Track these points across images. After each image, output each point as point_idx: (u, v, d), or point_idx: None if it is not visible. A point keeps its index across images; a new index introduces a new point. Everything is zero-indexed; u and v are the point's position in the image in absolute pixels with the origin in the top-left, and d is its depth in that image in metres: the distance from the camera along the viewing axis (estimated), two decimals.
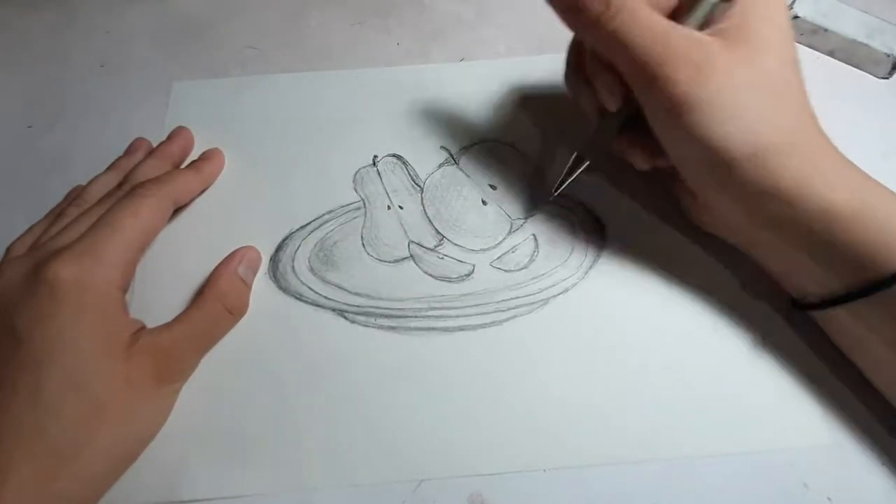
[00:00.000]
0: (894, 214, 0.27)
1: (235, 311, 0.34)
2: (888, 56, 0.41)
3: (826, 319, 0.31)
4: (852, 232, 0.27)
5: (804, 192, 0.28)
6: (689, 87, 0.27)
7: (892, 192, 0.29)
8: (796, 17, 0.43)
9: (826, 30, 0.42)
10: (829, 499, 0.30)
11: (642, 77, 0.28)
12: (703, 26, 0.29)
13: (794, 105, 0.29)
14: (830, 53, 0.43)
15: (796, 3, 0.43)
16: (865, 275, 0.28)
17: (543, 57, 0.43)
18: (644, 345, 0.33)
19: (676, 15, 0.30)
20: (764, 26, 0.29)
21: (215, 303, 0.33)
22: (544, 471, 0.31)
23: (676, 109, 0.28)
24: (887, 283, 0.27)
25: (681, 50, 0.27)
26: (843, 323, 0.30)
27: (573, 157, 0.34)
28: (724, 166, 0.28)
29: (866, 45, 0.42)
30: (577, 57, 0.34)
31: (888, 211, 0.27)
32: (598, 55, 0.31)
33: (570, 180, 0.35)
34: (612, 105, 0.32)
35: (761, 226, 0.30)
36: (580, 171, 0.34)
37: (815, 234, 0.28)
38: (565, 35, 0.44)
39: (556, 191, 0.35)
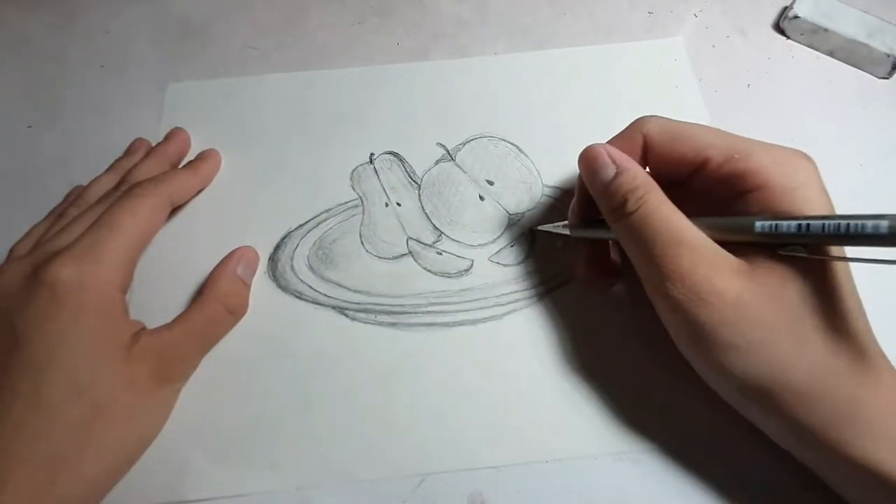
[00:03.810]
0: None
1: (236, 312, 0.34)
2: (888, 56, 0.41)
3: None
4: None
5: (838, 440, 0.25)
6: (688, 312, 0.26)
7: None
8: (796, 17, 0.43)
9: (826, 30, 0.42)
10: (828, 498, 0.30)
11: (649, 287, 0.28)
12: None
13: (814, 340, 0.26)
14: (830, 53, 0.43)
15: (796, 3, 0.43)
16: None
17: (539, 53, 0.43)
18: (641, 336, 0.33)
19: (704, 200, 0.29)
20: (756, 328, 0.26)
21: (215, 303, 0.33)
22: (546, 462, 0.31)
23: (677, 327, 0.28)
24: None
25: (686, 268, 0.26)
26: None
27: (563, 223, 0.34)
28: (739, 392, 0.27)
29: (866, 45, 0.42)
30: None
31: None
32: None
33: (548, 229, 0.35)
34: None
35: (804, 453, 0.28)
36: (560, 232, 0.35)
37: (861, 479, 0.25)
38: (564, 34, 0.45)
39: (539, 227, 0.36)
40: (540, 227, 0.36)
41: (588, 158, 0.30)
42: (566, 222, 0.34)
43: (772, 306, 0.26)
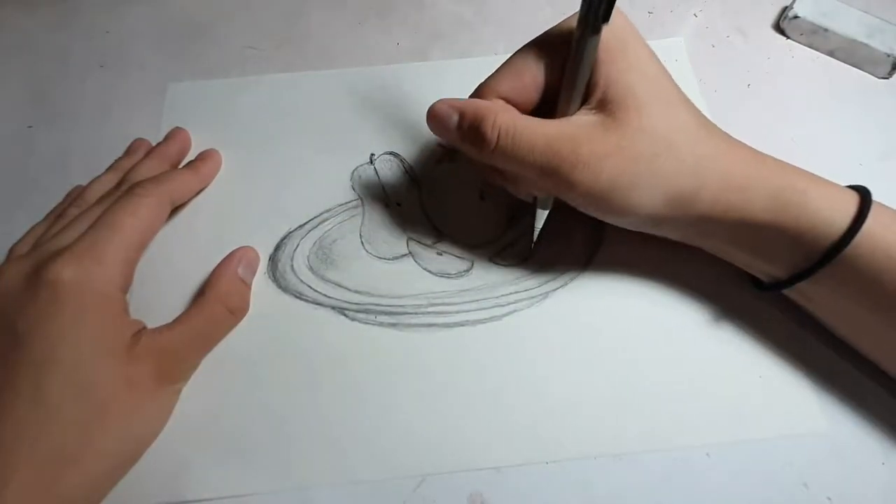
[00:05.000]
0: (810, 200, 0.29)
1: (237, 312, 0.34)
2: (888, 56, 0.41)
3: (789, 295, 0.32)
4: (776, 229, 0.29)
5: (725, 212, 0.29)
6: (589, 186, 0.29)
7: (804, 173, 0.30)
8: (796, 17, 0.43)
9: (826, 30, 0.42)
10: (829, 498, 0.30)
11: (546, 183, 0.30)
12: (581, 104, 0.30)
13: (686, 145, 0.29)
14: (830, 53, 0.43)
15: (796, 2, 0.43)
16: (798, 260, 0.29)
17: None
18: (642, 337, 0.34)
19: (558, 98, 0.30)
20: (634, 82, 0.29)
21: (216, 303, 0.33)
22: (546, 464, 0.31)
23: (587, 203, 0.30)
24: (824, 262, 0.28)
25: (567, 153, 0.28)
26: (799, 299, 0.32)
27: (537, 213, 0.34)
28: (649, 221, 0.31)
29: (866, 45, 0.42)
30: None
31: (804, 200, 0.29)
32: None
33: (538, 230, 0.35)
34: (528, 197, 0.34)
35: (700, 239, 0.32)
36: (545, 218, 0.35)
37: (746, 237, 0.30)
38: None
39: (533, 245, 0.36)
40: (535, 235, 0.35)
41: (433, 117, 0.32)
42: (540, 211, 0.34)
43: (648, 135, 0.29)
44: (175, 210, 0.36)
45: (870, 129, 0.40)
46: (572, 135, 0.29)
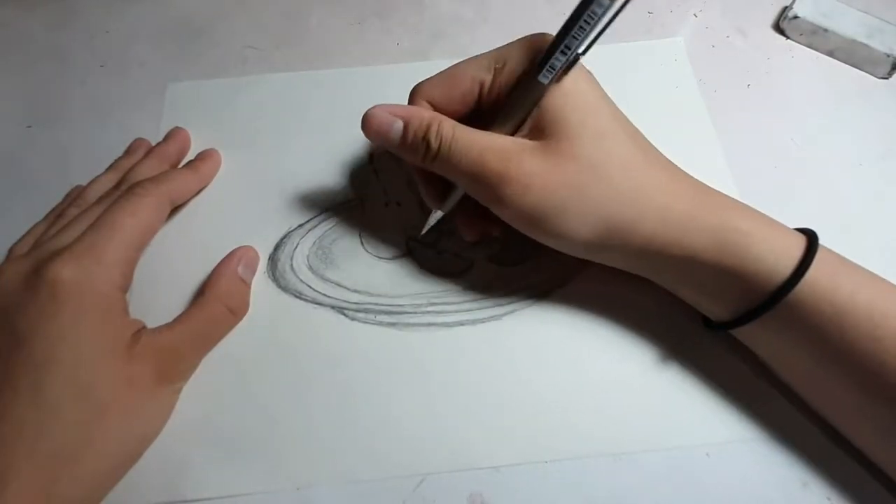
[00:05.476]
0: (753, 243, 0.28)
1: (237, 311, 0.34)
2: (888, 56, 0.41)
3: (740, 336, 0.32)
4: (718, 269, 0.29)
5: (665, 247, 0.29)
6: (517, 203, 0.29)
7: (750, 213, 0.30)
8: (796, 17, 0.43)
9: (826, 30, 0.42)
10: (828, 499, 0.30)
11: (477, 193, 0.30)
12: (517, 128, 0.30)
13: (619, 177, 0.29)
14: (830, 53, 0.43)
15: (796, 3, 0.43)
16: (742, 302, 0.29)
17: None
18: (642, 336, 0.33)
19: (493, 119, 0.30)
20: (569, 112, 0.29)
21: (216, 303, 0.33)
22: (546, 463, 0.31)
23: (517, 221, 0.30)
24: (766, 307, 0.28)
25: (497, 169, 0.29)
26: (745, 340, 0.31)
27: (433, 213, 0.34)
28: (584, 247, 0.31)
29: (866, 45, 0.42)
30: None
31: (747, 242, 0.28)
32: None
33: (429, 226, 0.35)
34: (436, 207, 0.34)
35: (646, 272, 0.32)
36: (436, 220, 0.35)
37: (690, 274, 0.30)
38: None
39: (422, 233, 0.36)
40: (421, 235, 0.36)
41: (372, 124, 0.32)
42: (435, 212, 0.34)
43: (577, 163, 0.29)
44: (175, 210, 0.36)
45: (870, 129, 0.40)
46: (504, 151, 0.29)
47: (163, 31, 0.45)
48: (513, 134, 0.30)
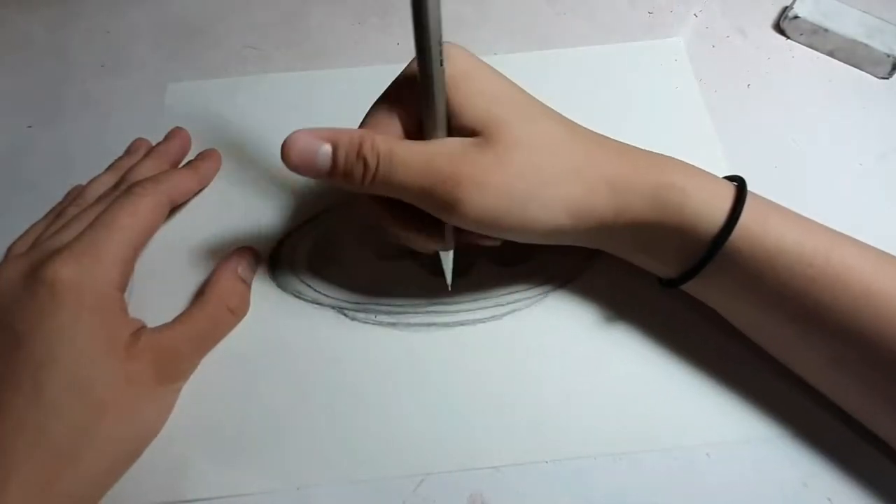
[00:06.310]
0: (688, 198, 0.28)
1: (237, 312, 0.34)
2: (888, 56, 0.41)
3: (693, 293, 0.32)
4: (662, 230, 0.29)
5: (615, 217, 0.29)
6: (477, 203, 0.27)
7: (682, 168, 0.30)
8: (796, 17, 0.43)
9: (826, 30, 0.42)
10: (828, 499, 0.30)
11: (435, 209, 0.28)
12: (450, 130, 0.29)
13: (564, 156, 0.29)
14: (830, 53, 0.43)
15: (796, 3, 0.43)
16: (687, 259, 0.30)
17: (539, 53, 0.43)
18: (642, 336, 0.33)
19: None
20: (492, 104, 0.29)
21: (217, 303, 0.33)
22: (546, 463, 0.31)
23: (479, 223, 0.28)
24: (706, 260, 0.29)
25: (449, 172, 0.27)
26: (697, 296, 0.32)
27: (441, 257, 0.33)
28: (548, 236, 0.30)
29: (866, 45, 0.42)
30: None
31: (682, 198, 0.29)
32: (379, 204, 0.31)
33: (451, 271, 0.34)
34: (437, 245, 0.32)
35: (599, 243, 0.32)
36: (452, 259, 0.33)
37: (638, 239, 0.30)
38: (564, 34, 0.45)
39: (449, 282, 0.34)
40: (449, 283, 0.34)
41: (292, 152, 0.29)
42: (446, 254, 0.33)
43: (523, 149, 0.28)
44: (175, 210, 0.37)
45: (869, 129, 0.40)
46: (450, 154, 0.28)
47: (163, 31, 0.45)
48: (449, 135, 0.29)
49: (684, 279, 0.30)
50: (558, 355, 0.33)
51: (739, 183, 0.30)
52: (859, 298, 0.27)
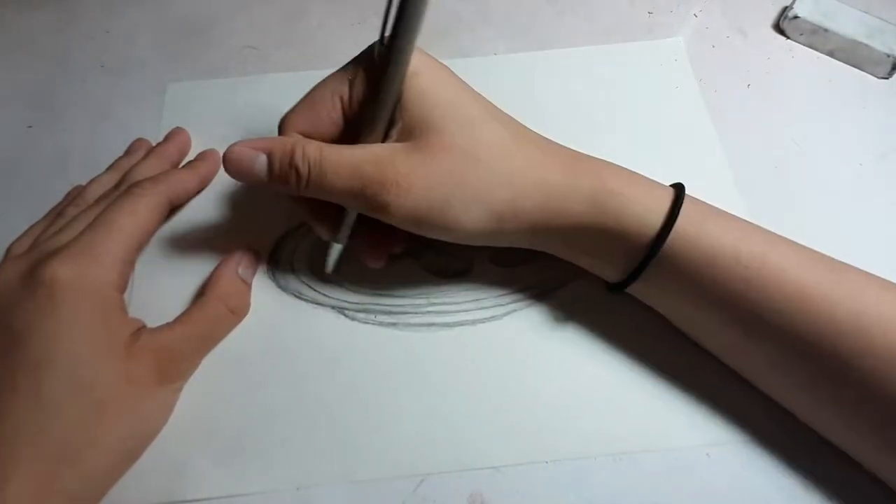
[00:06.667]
0: (627, 202, 0.29)
1: (238, 312, 0.34)
2: (888, 56, 0.41)
3: (638, 296, 0.33)
4: (601, 233, 0.30)
5: (551, 219, 0.30)
6: (403, 205, 0.28)
7: (621, 173, 0.30)
8: (796, 17, 0.43)
9: (826, 30, 0.42)
10: (828, 499, 0.30)
11: (363, 209, 0.30)
12: (386, 134, 0.30)
13: (494, 160, 0.29)
14: (830, 53, 0.43)
15: (796, 3, 0.43)
16: (629, 261, 0.30)
17: (539, 53, 0.43)
18: (641, 336, 0.33)
19: (359, 130, 0.30)
20: (430, 108, 0.29)
21: (217, 303, 0.33)
22: (546, 463, 0.31)
23: (408, 223, 0.30)
24: (645, 263, 0.29)
25: (375, 177, 0.28)
26: (642, 299, 0.33)
27: (331, 247, 0.34)
28: (483, 235, 0.31)
29: (866, 45, 0.42)
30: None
31: (620, 202, 0.29)
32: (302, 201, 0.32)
33: (334, 261, 0.34)
34: (329, 237, 0.33)
35: (544, 245, 0.32)
36: (338, 254, 0.34)
37: (579, 241, 0.31)
38: (564, 34, 0.45)
39: (329, 270, 0.35)
40: (328, 270, 0.34)
41: (233, 163, 0.30)
42: (333, 246, 0.34)
43: (450, 154, 0.29)
44: (175, 210, 0.37)
45: (870, 129, 0.40)
46: (377, 158, 0.29)
47: (163, 31, 0.45)
48: (382, 141, 0.30)
49: (627, 282, 0.31)
50: (558, 355, 0.33)
51: (677, 188, 0.30)
52: (793, 300, 0.27)
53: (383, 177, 0.28)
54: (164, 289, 0.35)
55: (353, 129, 0.31)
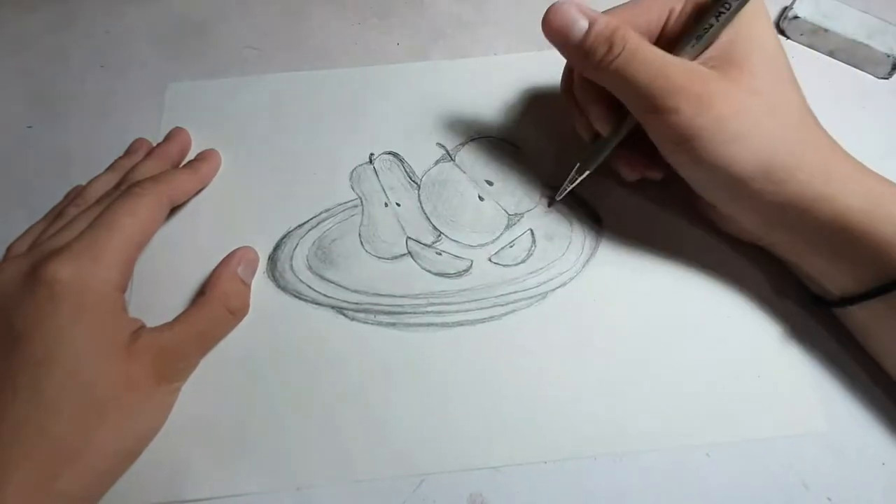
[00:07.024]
0: None
1: (237, 312, 0.34)
2: (888, 56, 0.41)
3: (845, 315, 0.32)
4: (867, 235, 0.28)
5: (816, 201, 0.29)
6: (693, 117, 0.28)
7: None
8: (796, 17, 0.43)
9: (826, 30, 0.42)
10: (828, 499, 0.30)
11: (647, 110, 0.30)
12: (696, 56, 0.30)
13: (792, 120, 0.30)
14: (830, 53, 0.43)
15: (796, 2, 0.43)
16: (880, 275, 0.29)
17: (539, 54, 0.43)
18: (641, 336, 0.34)
19: (671, 47, 0.30)
20: (753, 52, 0.30)
21: (217, 303, 0.33)
22: (546, 463, 0.31)
23: (683, 138, 0.29)
24: None
25: (680, 82, 0.28)
26: (862, 319, 0.31)
27: (575, 167, 0.34)
28: (734, 184, 0.30)
29: (866, 45, 0.42)
30: (569, 84, 0.35)
31: None
32: (588, 86, 0.32)
33: (571, 187, 0.35)
34: (605, 131, 0.33)
35: (779, 231, 0.32)
36: (581, 178, 0.35)
37: (831, 238, 0.29)
38: None
39: (558, 197, 0.36)
40: (559, 196, 0.36)
41: (555, 19, 0.31)
42: (577, 167, 0.34)
43: (759, 98, 0.29)
44: (175, 210, 0.36)
45: (870, 129, 0.40)
46: (689, 68, 0.29)
47: (163, 31, 0.45)
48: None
49: (866, 297, 0.29)
50: (558, 355, 0.33)
51: None
52: None
53: (689, 85, 0.28)
54: (164, 289, 0.35)
55: (665, 44, 0.31)
